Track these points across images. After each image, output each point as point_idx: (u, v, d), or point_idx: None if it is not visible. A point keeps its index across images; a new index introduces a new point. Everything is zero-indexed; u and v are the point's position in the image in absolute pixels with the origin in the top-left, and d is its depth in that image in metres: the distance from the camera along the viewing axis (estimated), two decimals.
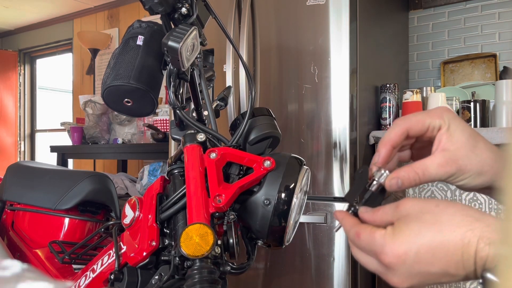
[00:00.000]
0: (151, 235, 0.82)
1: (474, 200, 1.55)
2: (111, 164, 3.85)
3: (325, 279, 1.64)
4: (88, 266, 1.01)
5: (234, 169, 0.84)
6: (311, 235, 1.67)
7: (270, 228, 0.79)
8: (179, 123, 0.95)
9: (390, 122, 1.79)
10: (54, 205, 1.30)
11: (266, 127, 0.90)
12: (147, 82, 0.88)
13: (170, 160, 0.93)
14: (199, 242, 0.69)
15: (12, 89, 4.67)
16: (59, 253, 1.15)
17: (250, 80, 0.95)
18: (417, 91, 1.80)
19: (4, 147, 4.58)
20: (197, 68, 0.91)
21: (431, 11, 2.27)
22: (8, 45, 4.82)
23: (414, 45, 2.31)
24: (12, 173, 1.42)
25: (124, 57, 0.90)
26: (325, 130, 1.66)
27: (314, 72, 1.68)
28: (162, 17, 0.86)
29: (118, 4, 3.86)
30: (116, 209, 1.37)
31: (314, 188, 1.67)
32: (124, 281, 0.84)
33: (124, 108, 0.91)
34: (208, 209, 0.76)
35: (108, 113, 3.08)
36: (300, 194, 0.83)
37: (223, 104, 1.02)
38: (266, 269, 1.77)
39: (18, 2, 3.88)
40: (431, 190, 1.64)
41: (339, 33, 1.63)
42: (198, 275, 0.70)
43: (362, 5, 1.70)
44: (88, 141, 3.11)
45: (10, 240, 1.38)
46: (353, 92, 1.65)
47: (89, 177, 1.33)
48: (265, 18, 1.81)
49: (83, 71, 4.13)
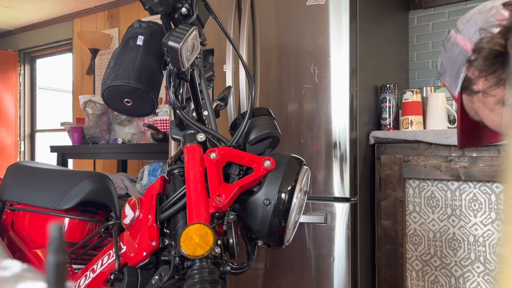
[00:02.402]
0: (151, 235, 0.82)
1: (474, 200, 1.55)
2: (111, 164, 3.85)
3: (325, 279, 1.64)
4: (88, 266, 1.01)
5: (234, 169, 0.84)
6: (311, 235, 1.67)
7: (270, 228, 0.79)
8: (179, 123, 0.95)
9: (390, 122, 1.79)
10: (54, 205, 1.29)
11: (266, 127, 0.90)
12: (147, 82, 0.88)
13: (170, 160, 0.93)
14: (199, 242, 0.69)
15: (12, 89, 4.67)
16: None
17: (250, 80, 0.95)
18: (417, 91, 1.80)
19: (4, 147, 4.58)
20: (197, 68, 0.91)
21: (431, 11, 2.27)
22: (8, 45, 4.82)
23: (414, 45, 2.31)
24: (12, 173, 1.42)
25: (124, 57, 0.90)
26: (325, 130, 1.66)
27: (314, 72, 1.68)
28: (162, 17, 0.86)
29: (118, 4, 3.86)
30: (116, 209, 1.37)
31: (314, 188, 1.67)
32: (124, 281, 0.84)
33: (124, 108, 0.91)
34: (208, 209, 0.76)
35: (108, 113, 3.08)
36: (300, 194, 0.83)
37: (223, 104, 1.02)
38: (266, 269, 1.77)
39: (18, 2, 3.88)
40: (431, 190, 1.64)
41: (339, 33, 1.63)
42: (198, 275, 0.70)
43: (362, 5, 1.70)
44: (88, 141, 3.11)
45: (10, 240, 1.38)
46: (353, 92, 1.64)
47: (89, 177, 1.33)
48: (265, 18, 1.81)
49: (83, 71, 4.13)
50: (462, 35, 0.79)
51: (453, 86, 0.83)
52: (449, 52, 0.82)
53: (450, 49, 0.82)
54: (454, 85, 0.83)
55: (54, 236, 0.25)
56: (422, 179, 1.66)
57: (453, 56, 0.81)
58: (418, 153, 1.65)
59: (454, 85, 0.82)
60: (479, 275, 1.54)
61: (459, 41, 0.80)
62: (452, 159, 1.57)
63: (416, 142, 1.65)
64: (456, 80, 0.81)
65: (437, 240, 1.63)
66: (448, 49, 0.83)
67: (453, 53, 0.81)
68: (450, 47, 0.82)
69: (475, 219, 1.55)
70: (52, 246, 0.24)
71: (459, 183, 1.58)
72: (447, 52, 0.83)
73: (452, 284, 1.59)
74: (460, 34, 0.79)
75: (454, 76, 0.81)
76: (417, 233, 1.67)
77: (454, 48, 0.81)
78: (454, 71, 0.81)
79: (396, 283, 1.68)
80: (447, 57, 0.82)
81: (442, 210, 1.62)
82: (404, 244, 1.69)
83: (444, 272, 1.61)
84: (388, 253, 1.70)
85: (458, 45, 0.80)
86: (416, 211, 1.67)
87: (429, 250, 1.65)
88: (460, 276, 1.58)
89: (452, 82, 0.83)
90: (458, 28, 0.80)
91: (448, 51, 0.82)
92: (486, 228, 1.53)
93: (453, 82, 0.83)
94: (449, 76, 0.83)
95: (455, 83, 0.82)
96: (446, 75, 0.84)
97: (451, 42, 0.82)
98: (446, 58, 0.83)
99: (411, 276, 1.69)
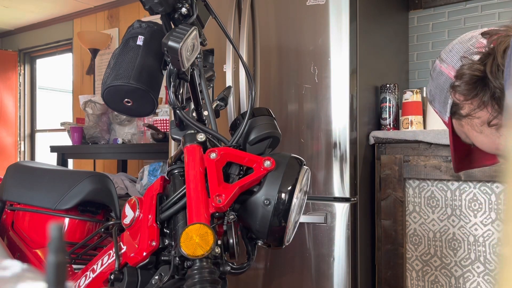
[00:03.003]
0: (151, 235, 0.82)
1: (474, 200, 1.55)
2: (111, 164, 3.85)
3: (325, 279, 1.64)
4: (88, 266, 1.01)
5: (234, 169, 0.84)
6: (311, 235, 1.67)
7: (270, 228, 0.80)
8: (179, 123, 0.94)
9: (390, 122, 1.79)
10: (54, 205, 1.29)
11: (266, 127, 0.90)
12: (147, 82, 0.88)
13: (170, 160, 0.93)
14: (199, 242, 0.69)
15: (12, 89, 4.67)
16: None
17: (250, 80, 0.95)
18: (417, 91, 1.80)
19: (4, 147, 4.58)
20: (197, 68, 0.91)
21: (431, 11, 2.27)
22: (8, 45, 4.82)
23: (414, 45, 2.31)
24: (12, 173, 1.42)
25: (124, 57, 0.90)
26: (325, 130, 1.66)
27: (314, 72, 1.68)
28: (162, 17, 0.86)
29: (118, 4, 3.86)
30: (116, 209, 1.37)
31: (314, 188, 1.67)
32: (124, 281, 0.84)
33: (124, 108, 0.91)
34: (208, 209, 0.76)
35: (108, 113, 3.08)
36: (300, 194, 0.83)
37: (223, 104, 1.02)
38: (266, 269, 1.77)
39: (18, 2, 3.88)
40: (431, 190, 1.64)
41: (339, 33, 1.63)
42: (198, 275, 0.70)
43: (362, 5, 1.70)
44: (88, 141, 3.11)
45: (10, 240, 1.38)
46: (353, 92, 1.64)
47: (89, 177, 1.33)
48: (265, 18, 1.81)
49: (83, 71, 4.13)
50: (446, 64, 0.84)
51: (442, 112, 0.88)
52: (435, 80, 0.87)
53: (436, 77, 0.87)
54: (443, 110, 0.87)
55: (54, 236, 0.25)
56: (422, 179, 1.66)
57: (439, 84, 0.86)
58: (418, 153, 1.65)
59: (444, 110, 0.87)
60: (479, 275, 1.54)
61: (443, 70, 0.85)
62: None
63: (416, 142, 1.65)
64: (444, 106, 0.86)
65: (437, 240, 1.63)
66: (434, 78, 0.88)
67: (439, 81, 0.86)
68: (436, 75, 0.87)
69: (475, 219, 1.55)
70: (52, 246, 0.24)
71: (459, 183, 1.58)
72: (434, 81, 0.88)
73: (452, 284, 1.59)
74: (444, 63, 0.85)
75: (443, 103, 0.86)
76: (417, 233, 1.67)
77: (439, 77, 0.86)
78: (442, 98, 0.86)
79: (396, 283, 1.68)
80: (434, 85, 0.87)
81: (442, 210, 1.62)
82: (404, 244, 1.69)
83: (444, 272, 1.61)
84: (388, 253, 1.70)
85: (443, 73, 0.85)
86: (416, 211, 1.67)
87: (429, 250, 1.65)
88: (460, 276, 1.58)
89: (441, 108, 0.88)
90: (442, 58, 0.86)
91: (435, 79, 0.87)
92: (486, 228, 1.53)
93: (442, 108, 0.87)
94: (438, 103, 0.88)
95: (444, 108, 0.87)
96: (435, 102, 0.89)
97: (436, 71, 0.87)
98: (434, 86, 0.88)
99: (411, 276, 1.69)
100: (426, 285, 1.66)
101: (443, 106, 0.86)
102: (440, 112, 0.89)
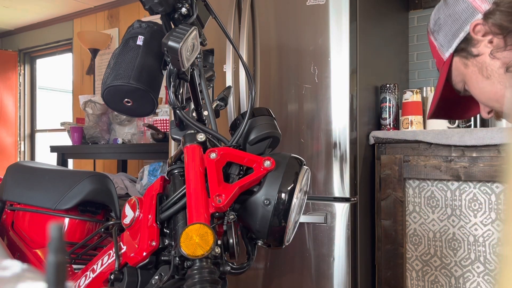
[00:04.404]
0: (151, 235, 0.82)
1: (474, 200, 1.55)
2: (111, 164, 3.85)
3: (325, 279, 1.64)
4: (88, 266, 1.01)
5: (234, 169, 0.84)
6: (311, 235, 1.67)
7: (270, 228, 0.79)
8: (179, 123, 0.94)
9: (390, 122, 1.79)
10: (54, 205, 1.29)
11: (266, 127, 0.90)
12: (147, 82, 0.88)
13: (170, 160, 0.93)
14: (199, 242, 0.69)
15: (12, 89, 4.67)
16: None
17: (250, 80, 0.95)
18: (417, 91, 1.80)
19: (4, 147, 4.58)
20: (197, 68, 0.91)
21: (431, 11, 2.27)
22: (8, 45, 4.82)
23: (414, 45, 2.31)
24: (12, 173, 1.42)
25: (124, 57, 0.90)
26: (325, 130, 1.66)
27: (314, 72, 1.68)
28: (162, 17, 0.86)
29: (118, 4, 3.86)
30: (116, 209, 1.37)
31: (314, 188, 1.67)
32: (124, 281, 0.84)
33: (124, 108, 0.91)
34: (208, 209, 0.76)
35: (108, 113, 3.08)
36: (300, 194, 0.83)
37: (223, 104, 1.02)
38: (266, 269, 1.77)
39: (18, 2, 3.88)
40: (431, 190, 1.64)
41: (339, 33, 1.63)
42: (198, 275, 0.70)
43: (362, 5, 1.70)
44: (88, 141, 3.11)
45: (10, 240, 1.38)
46: (353, 92, 1.65)
47: (89, 177, 1.33)
48: (265, 18, 1.81)
49: (83, 71, 4.13)
50: None
51: (445, 46, 0.75)
52: (451, 7, 0.74)
53: (453, 4, 0.74)
54: (447, 45, 0.75)
55: (54, 236, 0.25)
56: (422, 179, 1.66)
57: (455, 12, 0.73)
58: (418, 153, 1.65)
59: (448, 45, 0.75)
60: (479, 275, 1.54)
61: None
62: (452, 159, 1.57)
63: (416, 142, 1.65)
64: (452, 39, 0.74)
65: (437, 240, 1.63)
66: (450, 4, 0.74)
67: (456, 9, 0.73)
68: (454, 1, 0.74)
69: (475, 219, 1.55)
70: (52, 246, 0.24)
71: (459, 183, 1.58)
72: (449, 8, 0.74)
73: (452, 284, 1.59)
74: None
75: (451, 35, 0.74)
76: (417, 233, 1.67)
77: (459, 3, 0.73)
78: (453, 29, 0.73)
79: (396, 283, 1.68)
80: (448, 12, 0.74)
81: (442, 210, 1.62)
82: (404, 244, 1.69)
83: (444, 272, 1.61)
84: (388, 253, 1.70)
85: (465, 0, 0.72)
86: (416, 211, 1.67)
87: (429, 250, 1.65)
88: (460, 276, 1.58)
89: (445, 42, 0.75)
90: None
91: (451, 6, 0.74)
92: (486, 228, 1.53)
93: (447, 42, 0.75)
94: (444, 35, 0.75)
95: (449, 42, 0.74)
96: (440, 33, 0.76)
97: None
98: (446, 14, 0.75)
99: (411, 276, 1.69)
100: (426, 285, 1.66)
101: (450, 39, 0.74)
102: (441, 46, 0.76)
